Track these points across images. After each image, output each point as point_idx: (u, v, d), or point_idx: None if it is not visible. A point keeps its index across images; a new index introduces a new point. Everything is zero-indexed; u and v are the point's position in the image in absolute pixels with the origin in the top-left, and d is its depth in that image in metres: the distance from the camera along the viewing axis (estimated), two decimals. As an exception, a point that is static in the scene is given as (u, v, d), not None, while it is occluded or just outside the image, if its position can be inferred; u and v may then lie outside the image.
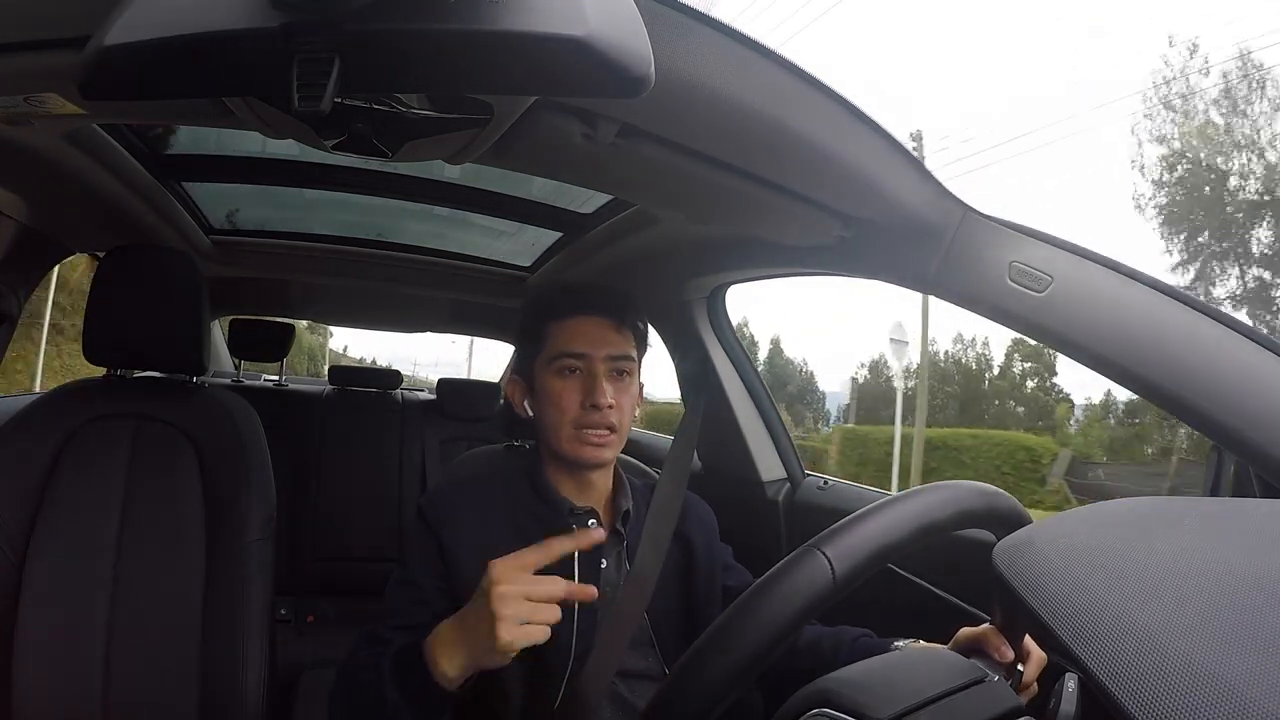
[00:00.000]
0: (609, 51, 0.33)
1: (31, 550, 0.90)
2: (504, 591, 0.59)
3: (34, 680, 0.88)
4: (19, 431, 0.93)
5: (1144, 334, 0.63)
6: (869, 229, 0.83)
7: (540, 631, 0.60)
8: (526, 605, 0.59)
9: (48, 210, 1.09)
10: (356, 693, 0.70)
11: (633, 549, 0.84)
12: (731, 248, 1.12)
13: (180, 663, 0.91)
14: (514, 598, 0.59)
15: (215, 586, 0.94)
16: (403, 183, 1.35)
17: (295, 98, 0.33)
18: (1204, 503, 0.43)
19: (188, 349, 1.01)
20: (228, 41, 0.33)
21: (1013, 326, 0.72)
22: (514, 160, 0.72)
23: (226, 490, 0.98)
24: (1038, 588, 0.34)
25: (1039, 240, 0.72)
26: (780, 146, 0.64)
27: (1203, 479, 0.68)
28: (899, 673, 0.49)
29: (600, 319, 0.82)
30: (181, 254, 1.04)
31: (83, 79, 0.35)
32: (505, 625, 0.58)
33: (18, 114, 0.63)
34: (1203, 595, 0.30)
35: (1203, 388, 0.59)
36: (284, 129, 0.60)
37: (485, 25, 0.32)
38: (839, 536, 0.47)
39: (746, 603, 0.45)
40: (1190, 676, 0.27)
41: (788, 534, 1.36)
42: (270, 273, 1.78)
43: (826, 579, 0.45)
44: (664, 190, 0.80)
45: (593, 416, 0.79)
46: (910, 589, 1.06)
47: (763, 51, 0.55)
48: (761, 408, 1.45)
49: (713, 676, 0.43)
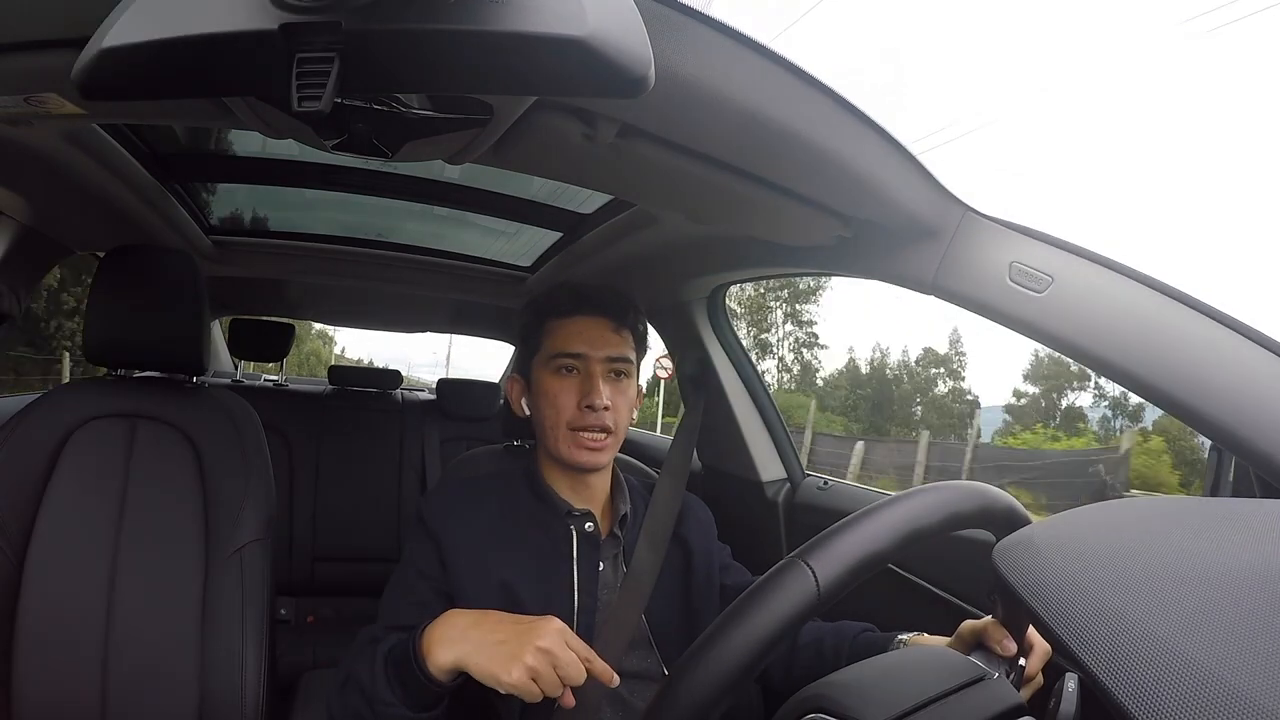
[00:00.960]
0: (609, 51, 0.33)
1: (31, 549, 0.90)
2: (547, 646, 0.61)
3: (33, 679, 0.88)
4: (19, 431, 0.93)
5: (1144, 334, 0.63)
6: (869, 229, 0.83)
7: (538, 694, 0.61)
8: (550, 671, 0.61)
9: (48, 210, 1.09)
10: (351, 694, 0.70)
11: (630, 551, 0.84)
12: (731, 248, 1.12)
13: (179, 663, 0.91)
14: (546, 661, 0.60)
15: (214, 587, 0.94)
16: (403, 183, 1.35)
17: (295, 98, 0.33)
18: (1204, 503, 0.43)
19: (188, 349, 1.01)
20: (228, 41, 0.33)
21: (1012, 327, 0.72)
22: (514, 160, 0.72)
23: (226, 490, 0.97)
24: (1038, 587, 0.34)
25: (1039, 240, 0.72)
26: (780, 146, 0.64)
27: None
28: (895, 675, 0.49)
29: (599, 319, 0.82)
30: (181, 254, 1.04)
31: (83, 79, 0.35)
32: (519, 668, 0.60)
33: (18, 114, 0.63)
34: (1202, 595, 0.30)
35: (1203, 388, 0.59)
36: (284, 129, 0.60)
37: (485, 25, 0.32)
38: (823, 547, 0.47)
39: (731, 616, 0.45)
40: (1190, 676, 0.27)
41: (788, 534, 1.36)
42: (270, 273, 1.78)
43: (810, 592, 0.45)
44: (664, 190, 0.79)
45: (588, 418, 0.79)
46: (911, 588, 1.06)
47: (763, 51, 0.55)
48: (761, 408, 1.46)
49: (702, 688, 0.43)
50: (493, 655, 0.62)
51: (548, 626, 0.63)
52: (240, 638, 0.93)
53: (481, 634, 0.64)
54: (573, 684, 0.61)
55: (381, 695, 0.66)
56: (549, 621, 0.63)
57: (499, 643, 0.62)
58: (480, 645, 0.63)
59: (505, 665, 0.60)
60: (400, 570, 0.81)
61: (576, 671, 0.61)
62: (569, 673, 0.61)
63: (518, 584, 0.78)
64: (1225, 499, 0.64)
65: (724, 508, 1.04)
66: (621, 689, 0.80)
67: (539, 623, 0.63)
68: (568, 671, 0.61)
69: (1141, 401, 0.64)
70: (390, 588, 0.81)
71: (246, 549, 0.96)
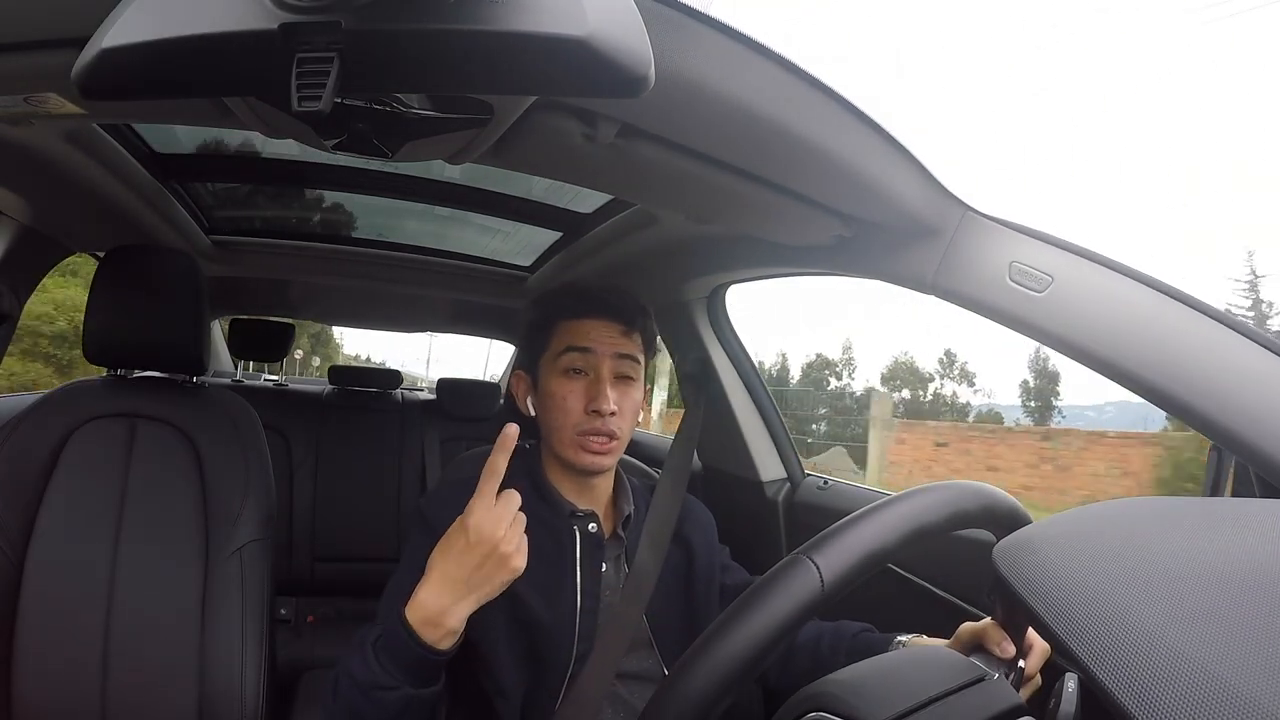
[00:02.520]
0: (609, 51, 0.33)
1: (31, 549, 0.90)
2: (497, 534, 0.65)
3: (33, 679, 0.88)
4: (19, 430, 0.93)
5: (1144, 334, 0.63)
6: (869, 229, 0.83)
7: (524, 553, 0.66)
8: (516, 535, 0.66)
9: (48, 210, 1.09)
10: (346, 691, 0.69)
11: (632, 551, 0.84)
12: (731, 248, 1.12)
13: (179, 663, 0.91)
14: (505, 535, 0.65)
15: (214, 586, 0.94)
16: (403, 183, 1.35)
17: (295, 98, 0.33)
18: (1204, 503, 0.43)
19: (188, 349, 1.01)
20: (228, 41, 0.33)
21: (1012, 326, 0.72)
22: (514, 160, 0.72)
23: (226, 490, 0.97)
24: (1038, 587, 0.34)
25: (1039, 240, 0.72)
26: (780, 146, 0.64)
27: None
28: (895, 674, 0.49)
29: (610, 323, 0.82)
30: (181, 254, 1.04)
31: (83, 79, 0.35)
32: (517, 557, 0.66)
33: (18, 114, 0.63)
34: (1202, 595, 0.30)
35: (1203, 388, 0.59)
36: (284, 129, 0.60)
37: (485, 25, 0.32)
38: (828, 544, 0.47)
39: (736, 611, 0.45)
40: (1190, 676, 0.27)
41: (788, 534, 1.36)
42: (270, 273, 1.78)
43: (815, 587, 0.45)
44: (664, 190, 0.79)
45: (595, 422, 0.79)
46: (910, 588, 1.06)
47: (763, 51, 0.55)
48: (761, 408, 1.46)
49: (704, 684, 0.43)
50: (490, 579, 0.65)
51: (477, 532, 0.65)
52: (240, 637, 0.93)
53: (458, 573, 0.66)
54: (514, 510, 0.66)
55: (380, 682, 0.65)
56: (476, 528, 0.65)
57: (476, 567, 0.65)
58: (474, 584, 0.65)
59: (508, 569, 0.65)
60: (400, 569, 0.81)
61: (511, 511, 0.66)
62: (510, 514, 0.66)
63: (520, 584, 0.77)
64: (1225, 499, 0.64)
65: (724, 507, 1.04)
66: (621, 689, 0.80)
67: (473, 536, 0.65)
68: (509, 519, 0.66)
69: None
70: (390, 587, 0.81)
71: (246, 549, 0.96)
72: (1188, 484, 6.21)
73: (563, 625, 0.78)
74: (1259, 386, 0.57)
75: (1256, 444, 0.56)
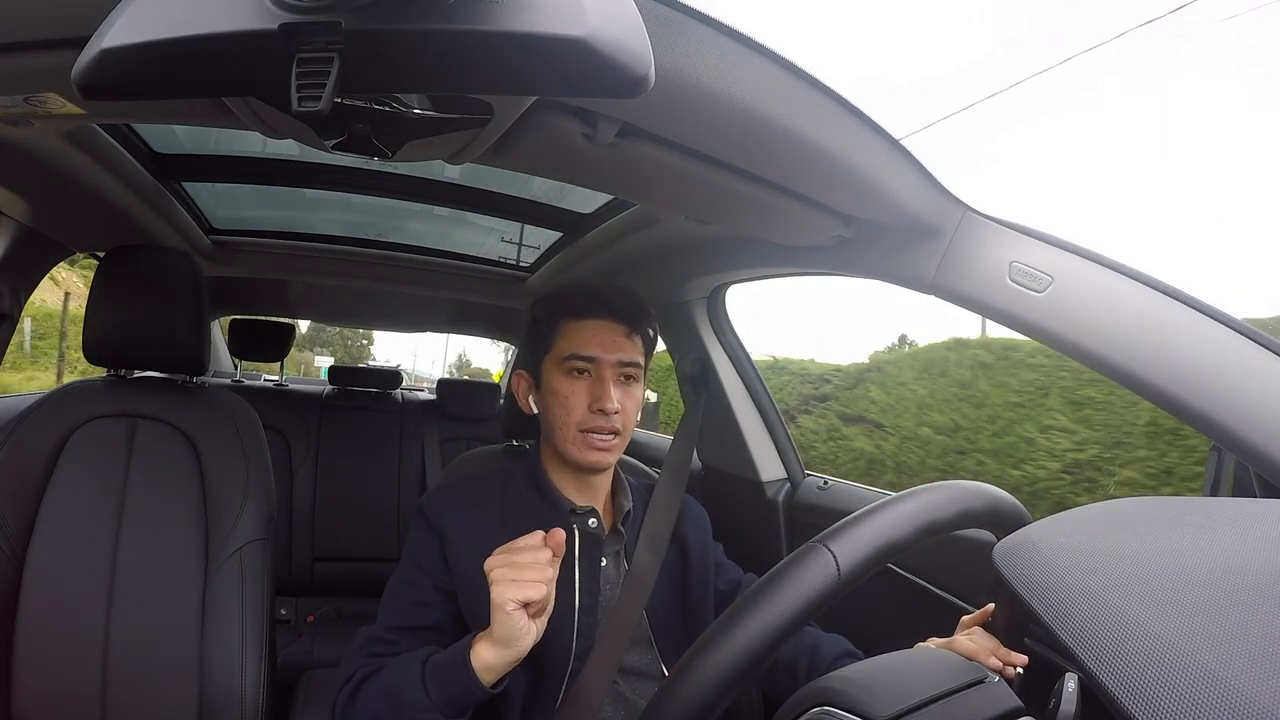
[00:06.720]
0: (609, 51, 0.33)
1: (31, 549, 0.90)
2: (496, 576, 0.65)
3: (33, 678, 0.88)
4: (19, 431, 0.93)
5: (1144, 334, 0.63)
6: (869, 229, 0.83)
7: (534, 589, 0.64)
8: (514, 572, 0.65)
9: (48, 210, 1.09)
10: (372, 698, 0.71)
11: (631, 549, 0.84)
12: (731, 248, 1.12)
13: (179, 662, 0.91)
14: (503, 579, 0.65)
15: (214, 586, 0.94)
16: (403, 183, 1.35)
17: (295, 98, 0.33)
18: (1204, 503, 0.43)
19: (188, 349, 1.01)
20: (228, 42, 0.33)
21: (1013, 326, 0.72)
22: (514, 160, 0.72)
23: (226, 490, 0.97)
24: (1038, 588, 0.34)
25: (1039, 240, 0.72)
26: (780, 146, 0.64)
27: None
28: (900, 672, 0.49)
29: (614, 323, 0.82)
30: (181, 254, 1.04)
31: (83, 79, 0.34)
32: (501, 588, 0.65)
33: (18, 114, 0.63)
34: (1203, 595, 0.30)
35: (1203, 388, 0.59)
36: (284, 129, 0.60)
37: (485, 25, 0.32)
38: (844, 533, 0.48)
39: (754, 597, 0.45)
40: (1190, 676, 0.27)
41: (788, 534, 1.36)
42: (270, 273, 1.78)
43: (832, 574, 0.45)
44: (664, 190, 0.79)
45: (598, 421, 0.79)
46: (910, 588, 1.06)
47: (763, 51, 0.55)
48: (761, 408, 1.46)
49: (717, 670, 0.43)
50: (499, 631, 0.65)
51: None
52: (240, 637, 0.93)
53: (491, 635, 0.67)
54: (539, 563, 0.65)
55: (419, 703, 0.67)
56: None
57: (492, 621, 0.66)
58: (496, 639, 0.66)
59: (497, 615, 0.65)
60: (401, 567, 0.81)
61: (528, 557, 0.66)
62: (524, 559, 0.66)
63: None
64: (1225, 498, 0.64)
65: (724, 507, 1.05)
66: (622, 686, 0.80)
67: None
68: (521, 560, 0.66)
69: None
70: (391, 586, 0.81)
71: (246, 548, 0.96)
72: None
73: (562, 622, 0.78)
74: (1259, 386, 0.58)
75: (1256, 444, 0.56)
